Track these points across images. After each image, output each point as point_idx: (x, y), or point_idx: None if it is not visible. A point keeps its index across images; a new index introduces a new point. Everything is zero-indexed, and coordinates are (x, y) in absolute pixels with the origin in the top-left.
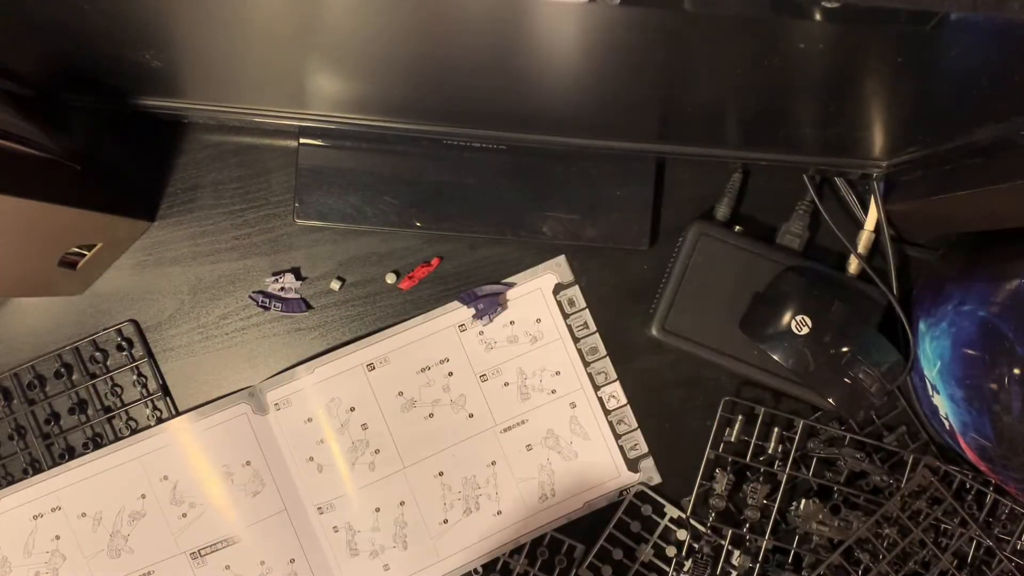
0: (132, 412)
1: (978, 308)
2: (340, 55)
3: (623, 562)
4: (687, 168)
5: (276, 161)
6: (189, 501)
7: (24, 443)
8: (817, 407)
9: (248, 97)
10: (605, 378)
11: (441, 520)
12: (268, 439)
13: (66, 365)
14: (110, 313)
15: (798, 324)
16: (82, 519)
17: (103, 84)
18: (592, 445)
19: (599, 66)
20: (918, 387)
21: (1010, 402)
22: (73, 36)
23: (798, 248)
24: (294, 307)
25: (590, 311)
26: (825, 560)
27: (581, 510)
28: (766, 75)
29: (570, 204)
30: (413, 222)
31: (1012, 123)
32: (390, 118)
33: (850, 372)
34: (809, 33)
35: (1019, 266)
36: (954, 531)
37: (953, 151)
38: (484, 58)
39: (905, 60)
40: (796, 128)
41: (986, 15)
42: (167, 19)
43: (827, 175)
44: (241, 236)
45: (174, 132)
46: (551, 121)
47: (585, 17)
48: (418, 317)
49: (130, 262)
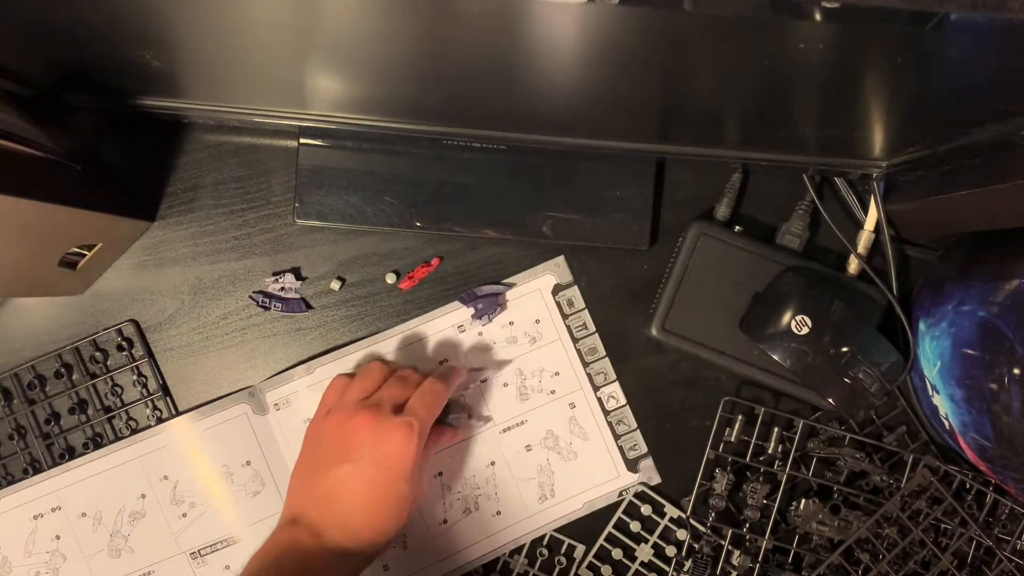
0: (132, 412)
1: (978, 308)
2: (340, 56)
3: (623, 562)
4: (687, 168)
5: (276, 161)
6: (189, 501)
7: (24, 443)
8: (817, 407)
9: (248, 97)
10: (604, 378)
11: (440, 520)
12: (268, 439)
13: (66, 365)
14: (110, 313)
15: (798, 324)
16: (82, 519)
17: (103, 84)
18: (591, 445)
19: (599, 66)
20: (918, 387)
21: (1010, 402)
22: (73, 36)
23: (798, 248)
24: (294, 307)
25: (590, 311)
26: (825, 560)
27: (581, 510)
28: (766, 75)
29: (570, 204)
30: (413, 222)
31: (1011, 123)
32: (390, 118)
33: (850, 372)
34: (809, 33)
35: (1019, 266)
36: (954, 531)
37: (953, 151)
38: (484, 59)
39: (905, 60)
40: (796, 128)
41: (986, 15)
42: (166, 19)
43: (827, 175)
44: (241, 236)
45: (174, 132)
46: (551, 121)
47: (584, 17)
48: (417, 318)
49: (130, 262)
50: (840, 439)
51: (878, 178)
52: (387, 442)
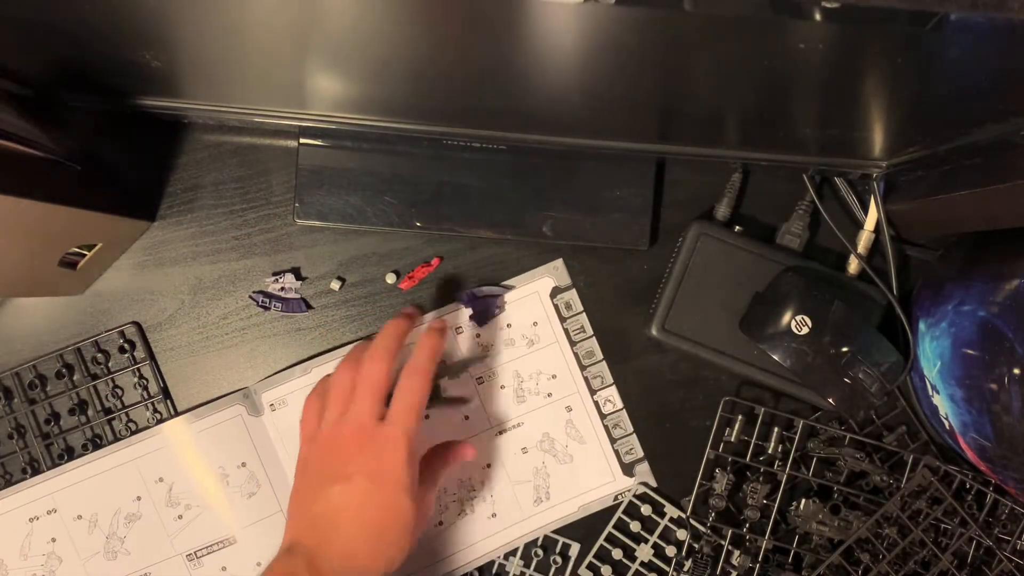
0: (132, 414)
1: (978, 308)
2: (340, 56)
3: (622, 562)
4: (687, 168)
5: (276, 161)
6: (185, 503)
7: (24, 442)
8: (817, 407)
9: (248, 97)
10: (601, 382)
11: (436, 522)
12: (263, 440)
13: (67, 365)
14: (110, 313)
15: (798, 324)
16: (78, 521)
17: (103, 84)
18: (587, 449)
19: (598, 66)
20: (918, 387)
21: (1010, 402)
22: (73, 36)
23: (798, 248)
24: (294, 307)
25: (590, 311)
26: (825, 560)
27: (576, 513)
28: (766, 75)
29: (570, 204)
30: (413, 222)
31: (1011, 123)
32: (390, 118)
33: (850, 372)
34: (809, 33)
35: (1019, 266)
36: (954, 531)
37: (953, 151)
38: (483, 59)
39: (905, 60)
40: (796, 128)
41: (986, 15)
42: (167, 20)
43: (827, 175)
44: (241, 236)
45: (174, 132)
46: (551, 121)
47: (582, 17)
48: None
49: (130, 262)
50: (840, 439)
51: (878, 178)
52: (377, 452)
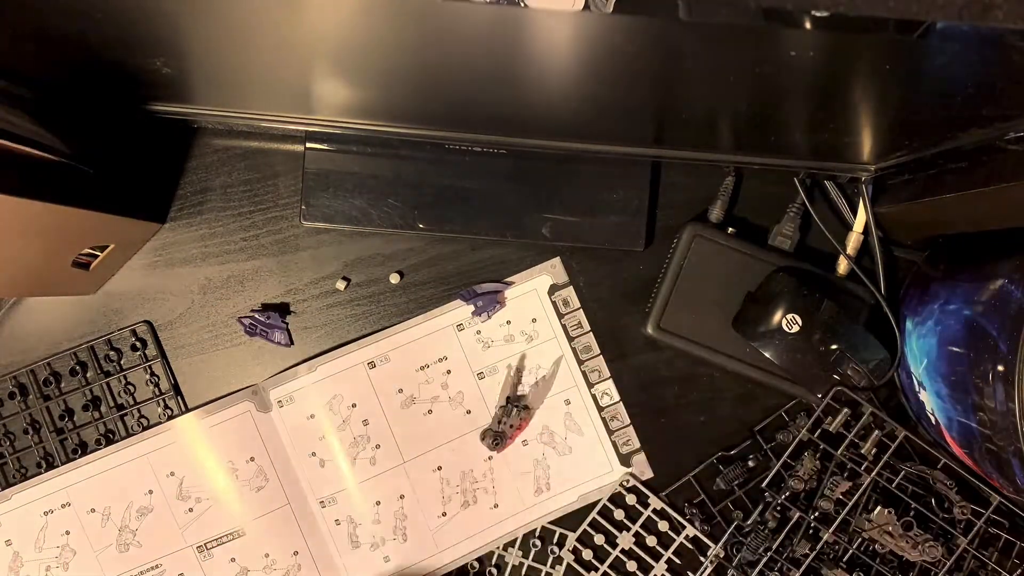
0: (144, 410)
1: (963, 307)
2: (346, 64)
3: (603, 547)
4: (682, 172)
5: (283, 165)
6: (195, 496)
7: (39, 437)
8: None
9: (256, 103)
10: (598, 376)
11: (439, 513)
12: (271, 435)
13: (81, 363)
14: (122, 312)
15: (789, 323)
16: (91, 515)
17: (115, 90)
18: (586, 440)
19: (595, 73)
20: (906, 384)
21: (993, 397)
22: (87, 44)
23: (789, 249)
24: (279, 339)
25: (588, 310)
26: (882, 571)
27: (575, 503)
28: (758, 82)
29: (568, 206)
30: (416, 224)
31: (995, 128)
32: (394, 123)
33: (839, 369)
34: (799, 41)
35: (1002, 266)
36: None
37: (939, 156)
38: (483, 66)
39: (893, 68)
40: (787, 133)
41: (971, 24)
42: (178, 28)
43: (817, 178)
44: (249, 238)
45: (184, 136)
46: (550, 126)
47: (580, 26)
48: (417, 317)
49: (141, 263)
50: (935, 460)
51: (866, 181)
52: None
